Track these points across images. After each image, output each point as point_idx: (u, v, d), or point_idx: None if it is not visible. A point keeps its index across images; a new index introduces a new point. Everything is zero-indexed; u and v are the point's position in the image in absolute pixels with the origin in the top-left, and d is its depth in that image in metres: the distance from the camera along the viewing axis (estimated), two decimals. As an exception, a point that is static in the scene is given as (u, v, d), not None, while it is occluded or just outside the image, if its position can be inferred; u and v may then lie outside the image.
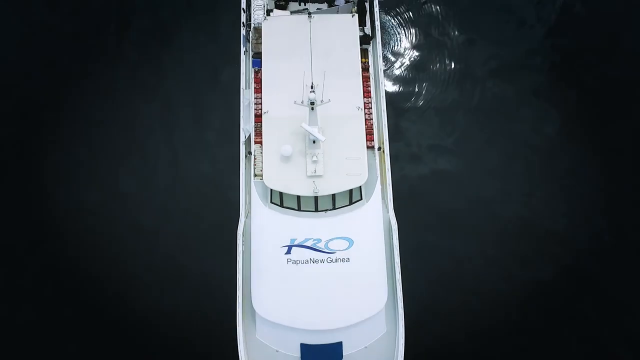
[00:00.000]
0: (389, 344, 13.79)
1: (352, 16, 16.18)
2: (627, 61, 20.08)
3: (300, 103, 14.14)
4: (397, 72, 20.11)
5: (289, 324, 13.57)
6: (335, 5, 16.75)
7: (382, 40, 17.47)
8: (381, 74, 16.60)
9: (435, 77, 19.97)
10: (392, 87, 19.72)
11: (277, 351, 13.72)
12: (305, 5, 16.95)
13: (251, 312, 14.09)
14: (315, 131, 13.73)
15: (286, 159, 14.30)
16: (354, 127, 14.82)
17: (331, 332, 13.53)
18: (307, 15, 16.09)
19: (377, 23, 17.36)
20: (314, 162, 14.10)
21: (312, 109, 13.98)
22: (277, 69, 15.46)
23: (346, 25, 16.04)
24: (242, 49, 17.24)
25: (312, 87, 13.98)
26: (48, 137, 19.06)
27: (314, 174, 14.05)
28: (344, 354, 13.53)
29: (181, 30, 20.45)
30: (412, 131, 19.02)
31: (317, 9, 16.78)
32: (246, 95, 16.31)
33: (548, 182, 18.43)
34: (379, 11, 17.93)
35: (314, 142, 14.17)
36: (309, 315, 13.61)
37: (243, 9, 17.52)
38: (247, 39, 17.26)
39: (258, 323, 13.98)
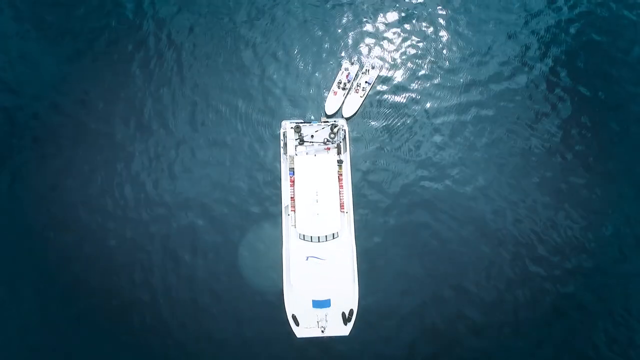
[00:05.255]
0: (352, 301, 31.60)
1: (334, 155, 34.71)
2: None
3: (310, 199, 32.60)
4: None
5: (306, 290, 31.45)
6: (329, 142, 35.04)
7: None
8: (349, 176, 34.91)
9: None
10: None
11: (300, 304, 31.37)
12: (312, 143, 35.06)
13: (289, 286, 31.74)
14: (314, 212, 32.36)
15: (306, 221, 32.63)
16: (334, 207, 33.25)
17: (325, 294, 31.43)
18: (314, 155, 34.57)
19: (348, 153, 35.45)
20: (317, 222, 32.52)
21: (317, 201, 32.45)
22: (302, 184, 33.67)
23: (331, 159, 34.61)
24: (282, 159, 35.20)
25: (316, 194, 32.53)
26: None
27: (317, 228, 32.47)
28: (331, 304, 31.39)
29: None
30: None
31: (319, 145, 35.02)
32: (285, 184, 34.23)
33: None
34: (350, 145, 36.18)
35: (317, 214, 32.50)
36: (315, 286, 31.54)
37: (281, 139, 35.49)
38: (284, 152, 35.13)
39: (294, 291, 31.61)
